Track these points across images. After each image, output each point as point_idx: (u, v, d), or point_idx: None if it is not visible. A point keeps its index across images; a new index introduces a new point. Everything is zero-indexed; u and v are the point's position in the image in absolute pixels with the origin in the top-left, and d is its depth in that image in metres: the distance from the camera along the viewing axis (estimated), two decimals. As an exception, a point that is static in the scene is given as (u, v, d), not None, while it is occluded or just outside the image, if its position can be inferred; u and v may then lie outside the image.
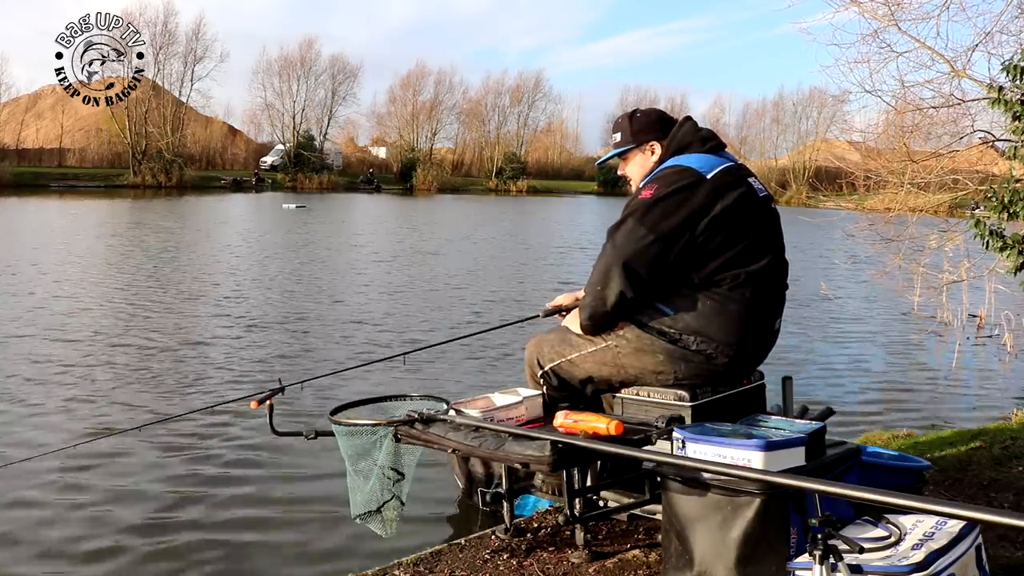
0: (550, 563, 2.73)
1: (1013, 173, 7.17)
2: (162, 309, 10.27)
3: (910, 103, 8.08)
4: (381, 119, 69.33)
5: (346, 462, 2.89)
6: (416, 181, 61.64)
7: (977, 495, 3.41)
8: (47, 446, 4.90)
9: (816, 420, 2.55)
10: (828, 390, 7.16)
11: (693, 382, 2.66)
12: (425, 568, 2.75)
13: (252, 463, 4.96)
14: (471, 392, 4.11)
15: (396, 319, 10.15)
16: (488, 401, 2.89)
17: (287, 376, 4.54)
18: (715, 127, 27.20)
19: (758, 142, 70.17)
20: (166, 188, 49.79)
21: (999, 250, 6.91)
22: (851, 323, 11.03)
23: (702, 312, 2.59)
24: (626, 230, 2.60)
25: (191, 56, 56.78)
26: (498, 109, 70.58)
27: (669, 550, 2.34)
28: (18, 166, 49.02)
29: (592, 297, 2.66)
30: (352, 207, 39.63)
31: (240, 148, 63.12)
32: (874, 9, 7.70)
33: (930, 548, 1.99)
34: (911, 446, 4.25)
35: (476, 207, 42.22)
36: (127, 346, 8.08)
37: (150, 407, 6.04)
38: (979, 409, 6.80)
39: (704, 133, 2.79)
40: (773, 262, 2.67)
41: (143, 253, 16.59)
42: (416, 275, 14.71)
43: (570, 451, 2.46)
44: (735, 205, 2.58)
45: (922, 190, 8.49)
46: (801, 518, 2.16)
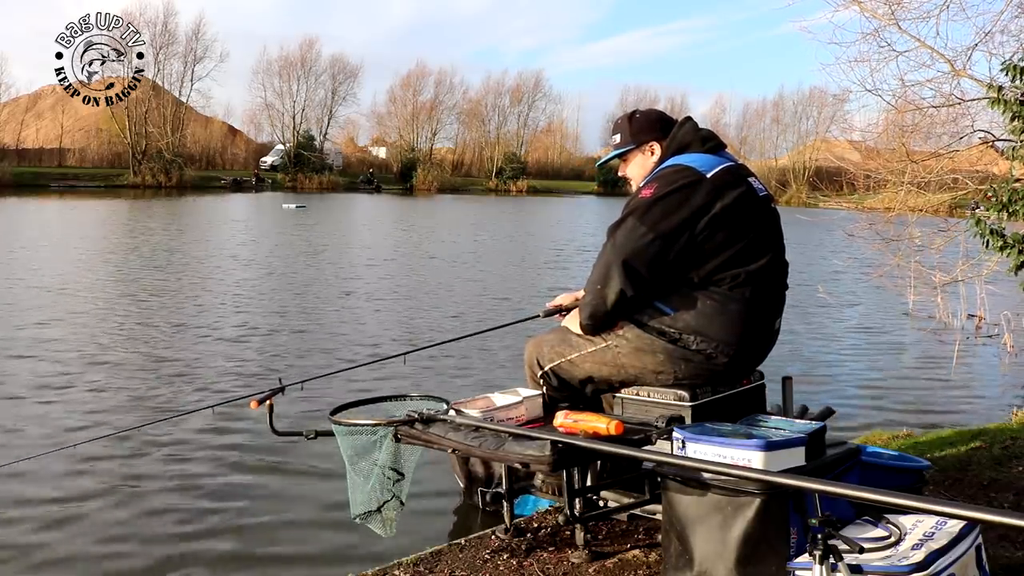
0: (550, 563, 2.73)
1: (1013, 173, 7.17)
2: (161, 309, 10.27)
3: (910, 103, 8.08)
4: (381, 119, 69.45)
5: (346, 462, 2.89)
6: (416, 181, 61.63)
7: (977, 495, 3.40)
8: (46, 446, 4.90)
9: (816, 420, 2.55)
10: (828, 390, 7.15)
11: (693, 382, 2.66)
12: (425, 568, 2.75)
13: (252, 463, 4.96)
14: (471, 392, 4.11)
15: (396, 319, 10.16)
16: (488, 401, 2.89)
17: (287, 376, 4.53)
18: (715, 127, 27.25)
19: (758, 142, 70.29)
20: (166, 188, 49.79)
21: (999, 249, 6.91)
22: (851, 323, 11.03)
23: (702, 312, 2.59)
24: (626, 229, 2.60)
25: (191, 56, 56.88)
26: (498, 109, 70.68)
27: (669, 550, 2.34)
28: (18, 166, 49.03)
29: (592, 296, 2.66)
30: (352, 207, 39.62)
31: (240, 148, 63.12)
32: (874, 8, 7.71)
33: (930, 548, 1.99)
34: (911, 446, 4.24)
35: (476, 207, 42.21)
36: (126, 346, 8.08)
37: (149, 407, 6.04)
38: (979, 409, 6.80)
39: (704, 133, 2.80)
40: (773, 261, 2.67)
41: (142, 253, 16.59)
42: (416, 275, 14.72)
43: (570, 451, 2.46)
44: (735, 204, 2.58)
45: (922, 190, 8.49)
46: (801, 518, 2.16)
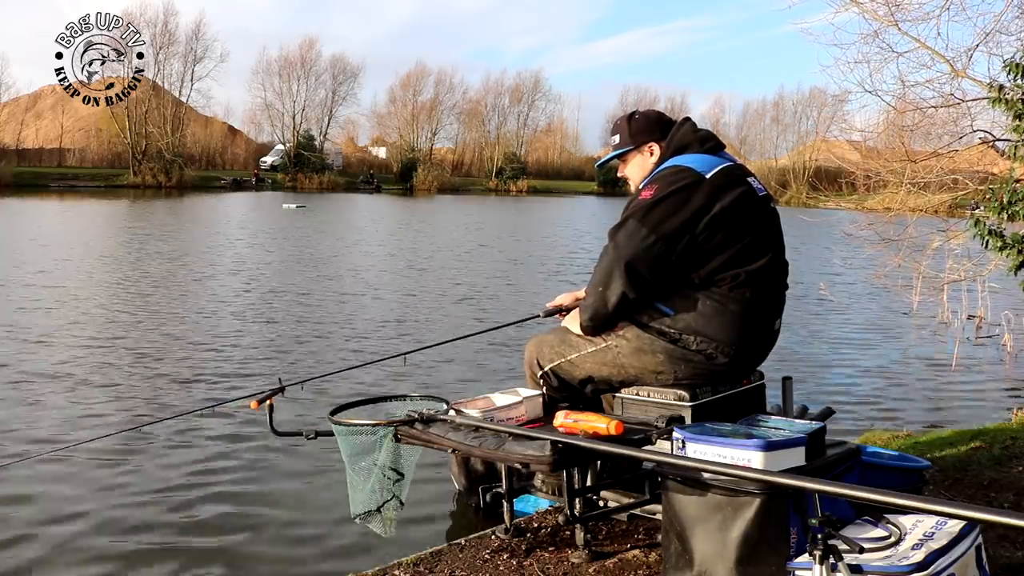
0: (550, 563, 2.72)
1: (1013, 173, 7.17)
2: (161, 309, 10.26)
3: (910, 103, 8.08)
4: (381, 119, 69.56)
5: (346, 462, 2.89)
6: (416, 181, 61.65)
7: (977, 495, 3.40)
8: (46, 445, 4.90)
9: (816, 420, 2.55)
10: (828, 390, 7.15)
11: (693, 382, 2.66)
12: (425, 568, 2.74)
13: (252, 463, 4.96)
14: (471, 392, 4.11)
15: (396, 319, 10.15)
16: (488, 401, 2.90)
17: (287, 376, 4.53)
18: (715, 127, 27.22)
19: (758, 142, 70.40)
20: (166, 188, 49.81)
21: (999, 250, 6.91)
22: (851, 323, 11.02)
23: (702, 312, 2.59)
24: (627, 231, 2.60)
25: (191, 56, 57.03)
26: (498, 109, 70.81)
27: (669, 550, 2.34)
28: (18, 166, 49.04)
29: (594, 297, 2.66)
30: (352, 207, 39.62)
31: (240, 148, 63.19)
32: (874, 9, 7.70)
33: (930, 548, 1.99)
34: (911, 446, 4.24)
35: (476, 207, 42.21)
36: (126, 346, 8.08)
37: (149, 407, 6.04)
38: (979, 409, 6.79)
39: (703, 133, 2.80)
40: (773, 261, 2.67)
41: (142, 253, 16.58)
42: (416, 275, 14.71)
43: (570, 451, 2.46)
44: (734, 205, 2.58)
45: (922, 190, 8.49)
46: (801, 518, 2.16)
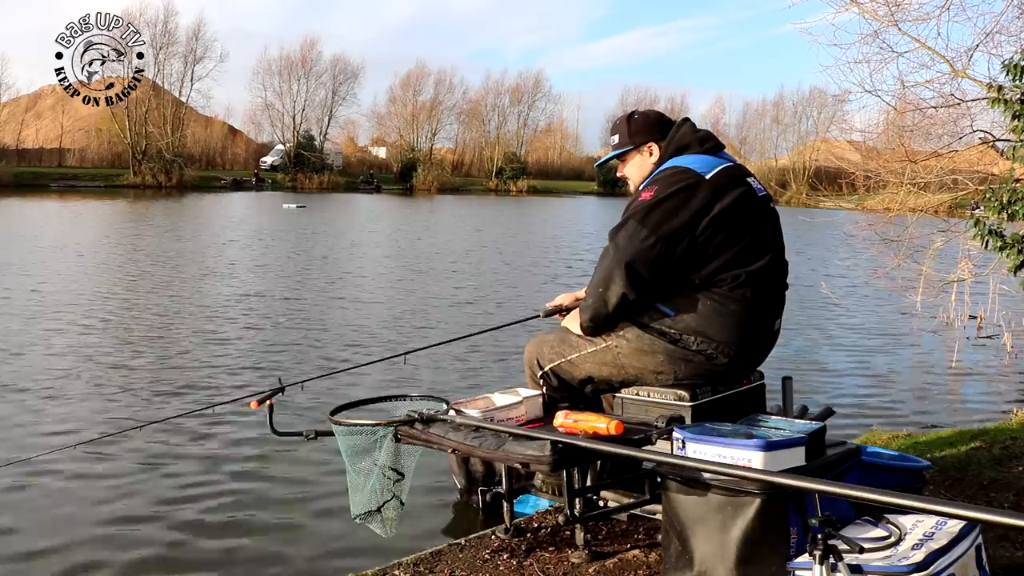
0: (550, 563, 2.72)
1: (1013, 173, 7.17)
2: (161, 309, 10.27)
3: (910, 103, 8.09)
4: (381, 119, 69.49)
5: (346, 462, 2.89)
6: (416, 181, 61.63)
7: (977, 495, 3.40)
8: (46, 446, 4.90)
9: (816, 420, 2.55)
10: (828, 390, 7.15)
11: (693, 382, 2.66)
12: (425, 568, 2.74)
13: (252, 463, 4.96)
14: (471, 392, 4.11)
15: (396, 319, 10.15)
16: (488, 401, 2.89)
17: (287, 376, 4.53)
18: (715, 127, 27.18)
19: (758, 142, 70.32)
20: (166, 188, 49.78)
21: (998, 250, 6.92)
22: (851, 323, 11.02)
23: (702, 312, 2.59)
24: (628, 232, 2.60)
25: (191, 56, 56.94)
26: (498, 109, 70.72)
27: (669, 550, 2.34)
28: (18, 166, 49.02)
29: (594, 298, 2.66)
30: (352, 207, 39.61)
31: (240, 148, 63.15)
32: (874, 10, 7.71)
33: (930, 548, 1.99)
34: (911, 446, 4.24)
35: (476, 207, 42.21)
36: (127, 346, 8.08)
37: (150, 407, 6.04)
38: (979, 409, 6.80)
39: (702, 134, 2.80)
40: (773, 262, 2.67)
41: (142, 253, 16.59)
42: (416, 275, 14.71)
43: (570, 451, 2.46)
44: (734, 205, 2.58)
45: (922, 190, 8.50)
46: (801, 518, 2.16)
